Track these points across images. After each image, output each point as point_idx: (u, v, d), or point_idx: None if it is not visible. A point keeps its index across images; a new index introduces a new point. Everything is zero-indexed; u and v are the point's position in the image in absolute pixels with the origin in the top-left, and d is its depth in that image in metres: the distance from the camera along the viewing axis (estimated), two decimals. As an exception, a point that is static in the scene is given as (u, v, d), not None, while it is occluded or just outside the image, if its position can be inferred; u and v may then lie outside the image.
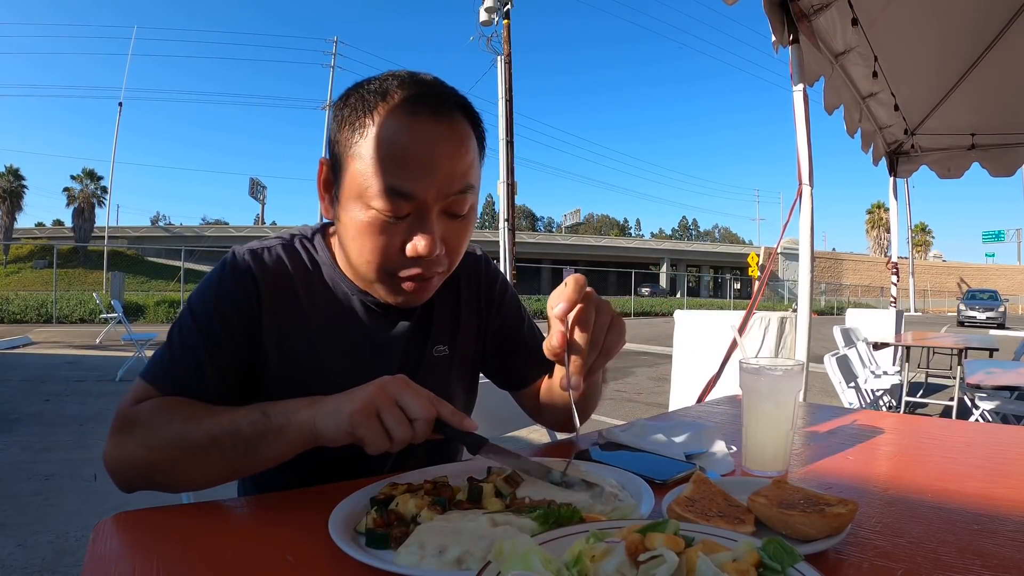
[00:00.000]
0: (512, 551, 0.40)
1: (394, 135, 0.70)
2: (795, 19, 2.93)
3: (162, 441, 0.68)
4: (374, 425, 0.61)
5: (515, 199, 14.42)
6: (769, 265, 3.76)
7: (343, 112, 0.75)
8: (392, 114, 0.71)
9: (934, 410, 4.91)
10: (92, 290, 18.06)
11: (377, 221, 0.73)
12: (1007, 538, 0.57)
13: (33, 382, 6.13)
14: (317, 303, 0.83)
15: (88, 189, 34.04)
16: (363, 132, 0.72)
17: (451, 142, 0.73)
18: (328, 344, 0.82)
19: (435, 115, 0.72)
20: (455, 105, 0.74)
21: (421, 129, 0.71)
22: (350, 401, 0.63)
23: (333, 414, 0.63)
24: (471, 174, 0.75)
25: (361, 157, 0.72)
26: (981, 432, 1.11)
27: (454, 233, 0.77)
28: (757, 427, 0.78)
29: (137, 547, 0.56)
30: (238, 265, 0.80)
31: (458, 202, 0.75)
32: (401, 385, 0.64)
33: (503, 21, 14.61)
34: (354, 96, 0.75)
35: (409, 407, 0.62)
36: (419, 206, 0.72)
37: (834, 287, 41.33)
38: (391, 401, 0.62)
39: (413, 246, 0.73)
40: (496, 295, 0.99)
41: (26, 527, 2.57)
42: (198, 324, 0.76)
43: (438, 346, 0.91)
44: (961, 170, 5.17)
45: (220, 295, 0.78)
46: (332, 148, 0.77)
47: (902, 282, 7.40)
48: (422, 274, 0.76)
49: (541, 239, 43.08)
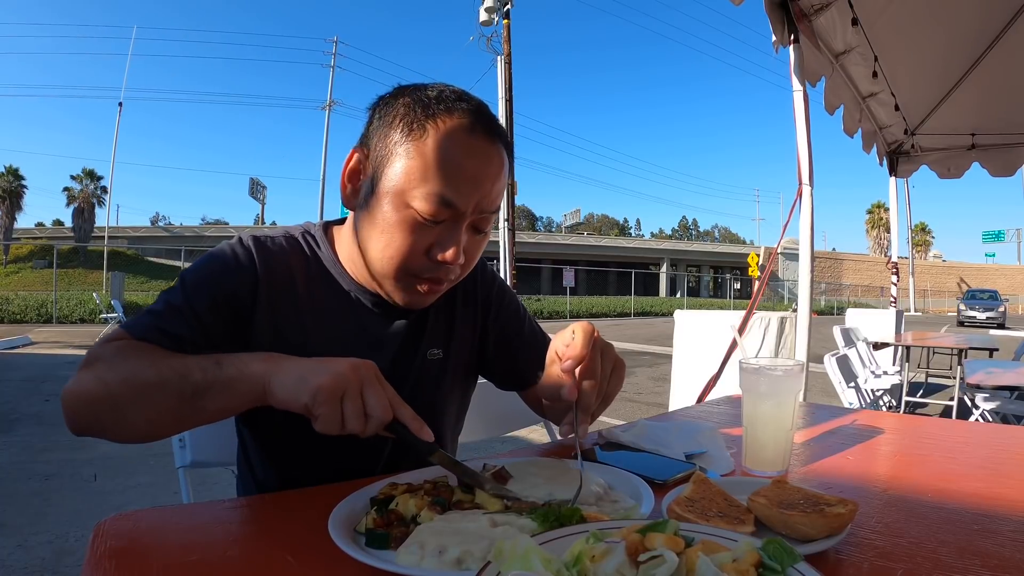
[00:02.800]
0: (512, 551, 0.40)
1: (454, 146, 0.74)
2: (795, 19, 2.93)
3: (115, 376, 0.68)
4: (335, 408, 0.61)
5: (515, 199, 14.44)
6: (769, 265, 3.76)
7: (395, 110, 0.77)
8: (454, 126, 0.75)
9: (934, 410, 4.91)
10: (92, 290, 18.07)
11: (411, 221, 0.75)
12: (1007, 538, 0.57)
13: (33, 382, 6.13)
14: (315, 295, 0.84)
15: (88, 189, 34.02)
16: (420, 135, 0.74)
17: (496, 165, 0.78)
18: (322, 336, 0.83)
19: (489, 138, 0.77)
20: (501, 134, 0.80)
21: (479, 148, 0.76)
22: (318, 373, 0.62)
23: (298, 381, 0.62)
24: (501, 197, 0.81)
25: (412, 158, 0.74)
26: (981, 432, 1.11)
27: (474, 247, 0.81)
28: (757, 427, 0.78)
29: (137, 547, 0.56)
30: (239, 247, 0.81)
31: (486, 220, 0.80)
32: (371, 376, 0.63)
33: (503, 21, 14.63)
34: (410, 99, 0.77)
35: (370, 403, 0.62)
36: (456, 216, 0.76)
37: (834, 287, 41.33)
38: (357, 390, 0.62)
39: (443, 253, 0.76)
40: (494, 299, 1.00)
41: (26, 527, 2.57)
42: (186, 293, 0.77)
43: (432, 349, 0.91)
44: (961, 170, 5.17)
45: (214, 270, 0.79)
46: (373, 142, 0.78)
47: (902, 282, 7.41)
48: (439, 278, 0.80)
49: (541, 239, 43.06)
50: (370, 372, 0.64)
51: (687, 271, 46.97)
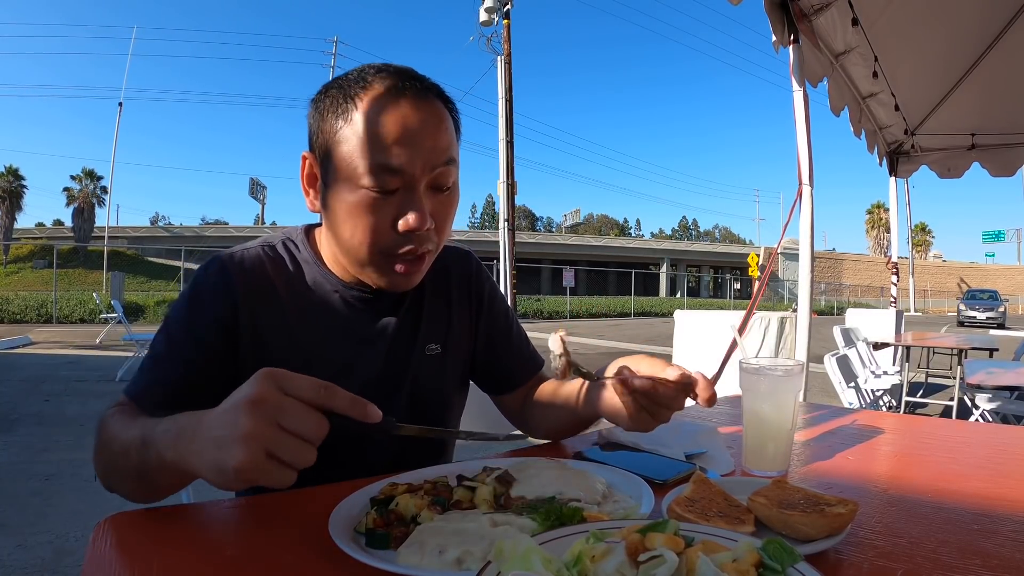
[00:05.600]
0: (512, 551, 0.40)
1: (379, 116, 0.74)
2: (795, 19, 2.93)
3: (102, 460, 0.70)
4: (269, 470, 0.51)
5: (515, 199, 14.43)
6: (769, 265, 3.76)
7: (323, 103, 0.78)
8: (376, 98, 0.75)
9: (934, 410, 4.91)
10: (92, 290, 18.06)
11: (367, 199, 0.75)
12: (1007, 538, 0.57)
13: (33, 382, 6.13)
14: (299, 300, 0.84)
15: (88, 189, 34.00)
16: (347, 117, 0.75)
17: (432, 118, 0.77)
18: (313, 342, 0.83)
19: (415, 97, 0.76)
20: (432, 89, 0.79)
21: (406, 106, 0.75)
22: (225, 450, 0.51)
23: (216, 472, 0.53)
24: (452, 148, 0.80)
25: (348, 140, 0.75)
26: (981, 432, 1.11)
27: (441, 207, 0.80)
28: (757, 427, 0.78)
29: (137, 547, 0.56)
30: (210, 274, 0.81)
31: (443, 174, 0.78)
32: (275, 400, 0.51)
33: (503, 21, 14.63)
34: (333, 88, 0.78)
35: (298, 429, 0.52)
36: (407, 181, 0.75)
37: (834, 287, 41.33)
38: (275, 431, 0.51)
39: (405, 220, 0.75)
40: (486, 297, 1.00)
41: (26, 527, 2.57)
42: (169, 338, 0.78)
43: (430, 344, 0.92)
44: (961, 170, 5.18)
45: (193, 309, 0.79)
46: (315, 140, 0.79)
47: (902, 282, 7.41)
48: (414, 250, 0.78)
49: (541, 239, 43.05)
50: (273, 395, 0.52)
51: (687, 271, 46.97)
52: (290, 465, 0.52)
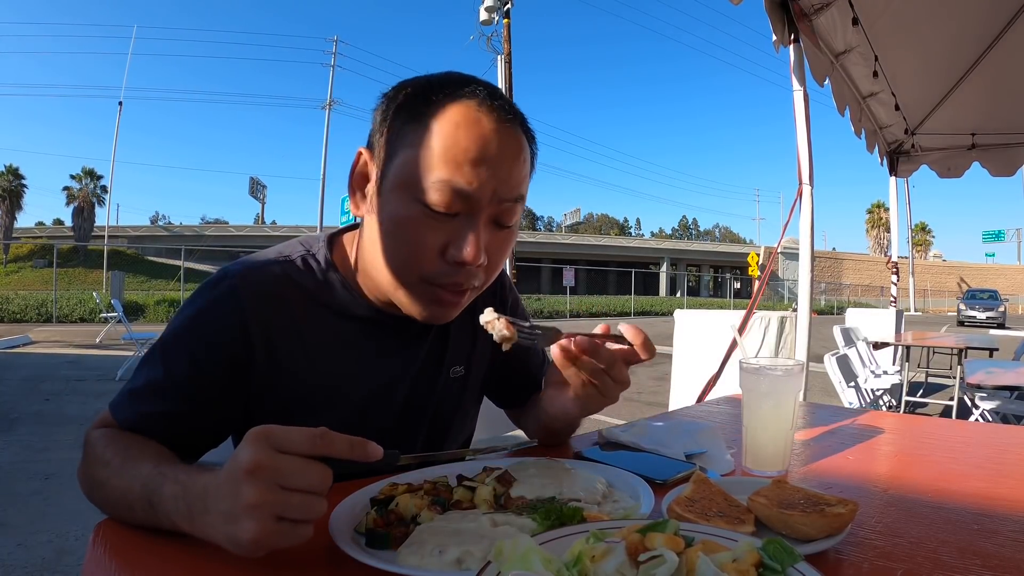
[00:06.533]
0: (512, 551, 0.40)
1: (458, 129, 0.67)
2: (795, 18, 2.93)
3: (90, 482, 0.67)
4: (284, 532, 0.49)
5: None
6: (769, 265, 3.76)
7: (397, 101, 0.71)
8: (461, 109, 0.68)
9: (934, 410, 4.91)
10: (92, 289, 18.07)
11: (422, 216, 0.67)
12: (1007, 538, 0.57)
13: (33, 382, 6.13)
14: (322, 331, 0.77)
15: (88, 188, 34.03)
16: (424, 122, 0.68)
17: (513, 146, 0.70)
18: (336, 374, 0.77)
19: (502, 119, 0.69)
20: (518, 117, 0.72)
21: (490, 129, 0.68)
22: (234, 524, 0.48)
23: (232, 545, 0.50)
24: (524, 184, 0.73)
25: (419, 146, 0.67)
26: (981, 432, 1.11)
27: (497, 245, 0.72)
28: (757, 427, 0.78)
29: (137, 547, 0.56)
30: (220, 303, 0.72)
31: (509, 211, 0.71)
32: (272, 461, 0.49)
33: (503, 20, 14.63)
34: (410, 86, 0.72)
35: (300, 485, 0.49)
36: (471, 207, 0.68)
37: (834, 287, 41.33)
38: (278, 494, 0.48)
39: (459, 250, 0.68)
40: (508, 310, 0.96)
41: (26, 527, 2.57)
42: (166, 361, 0.71)
43: (455, 367, 0.87)
44: (961, 170, 5.17)
45: (197, 337, 0.71)
46: (376, 138, 0.72)
47: (902, 282, 7.40)
48: (459, 284, 0.71)
49: (541, 238, 43.02)
50: (267, 460, 0.49)
51: (687, 271, 46.95)
52: (304, 521, 0.50)
